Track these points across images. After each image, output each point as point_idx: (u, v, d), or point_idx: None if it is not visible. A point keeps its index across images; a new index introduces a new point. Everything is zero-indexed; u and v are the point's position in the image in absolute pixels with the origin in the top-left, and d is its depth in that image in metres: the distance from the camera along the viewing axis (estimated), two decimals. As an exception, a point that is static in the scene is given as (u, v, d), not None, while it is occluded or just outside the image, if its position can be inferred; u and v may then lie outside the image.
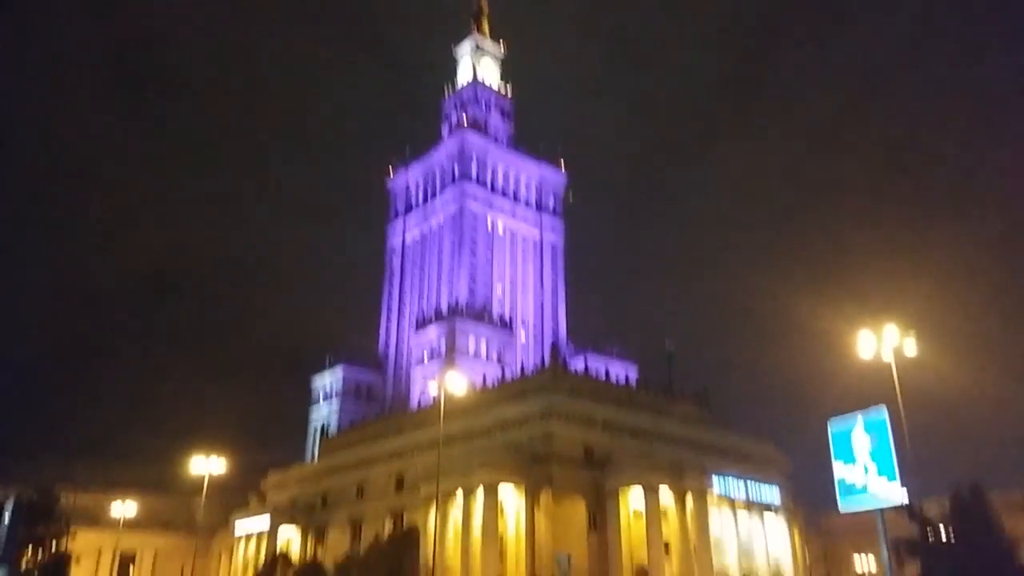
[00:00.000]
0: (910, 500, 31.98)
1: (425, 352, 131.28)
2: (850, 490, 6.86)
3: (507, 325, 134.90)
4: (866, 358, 33.00)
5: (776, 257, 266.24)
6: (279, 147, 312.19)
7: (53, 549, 54.07)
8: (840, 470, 7.27)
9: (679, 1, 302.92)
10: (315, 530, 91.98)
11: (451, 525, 72.53)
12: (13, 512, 17.15)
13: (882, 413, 6.93)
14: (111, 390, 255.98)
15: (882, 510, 6.77)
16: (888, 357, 32.41)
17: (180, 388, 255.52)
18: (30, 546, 51.99)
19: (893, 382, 33.13)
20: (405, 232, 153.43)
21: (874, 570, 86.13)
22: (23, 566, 45.32)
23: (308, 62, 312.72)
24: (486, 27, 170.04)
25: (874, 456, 6.81)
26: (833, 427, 7.34)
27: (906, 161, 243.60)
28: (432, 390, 70.27)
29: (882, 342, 33.25)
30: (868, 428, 6.90)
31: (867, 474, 6.86)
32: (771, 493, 77.60)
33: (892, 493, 6.58)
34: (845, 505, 7.09)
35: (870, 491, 6.80)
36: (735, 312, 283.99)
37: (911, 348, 33.56)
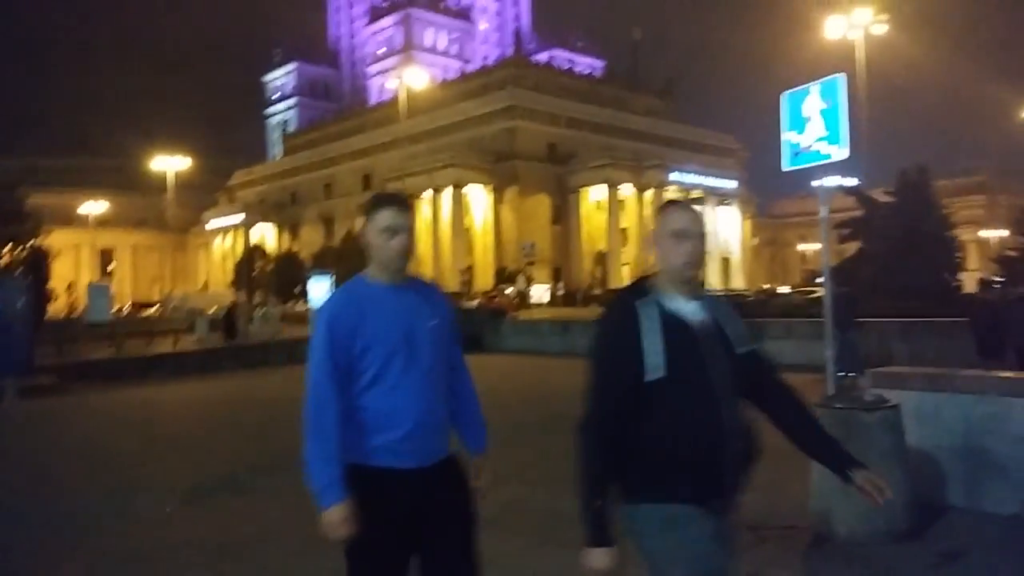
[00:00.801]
0: (859, 184, 33.45)
1: (380, 47, 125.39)
2: (795, 149, 7.08)
3: (466, 15, 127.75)
4: (833, 37, 32.45)
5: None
6: None
7: (29, 247, 55.17)
8: (789, 137, 7.45)
9: None
10: (288, 226, 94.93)
11: (419, 220, 75.18)
12: (-20, 209, 17.31)
13: (838, 79, 6.87)
14: (65, 88, 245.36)
15: (824, 166, 7.08)
16: (855, 35, 31.86)
17: (133, 85, 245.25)
18: (8, 245, 52.83)
19: (856, 61, 32.94)
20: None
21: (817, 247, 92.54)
22: (3, 263, 46.52)
23: None
24: None
25: (825, 121, 6.85)
26: (787, 97, 7.35)
27: None
28: (391, 86, 68.30)
29: (851, 24, 32.45)
30: (823, 94, 6.89)
31: (814, 137, 7.03)
32: (727, 183, 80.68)
33: (837, 153, 6.81)
34: (790, 165, 7.42)
35: (814, 150, 7.06)
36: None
37: (880, 28, 32.89)
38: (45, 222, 60.50)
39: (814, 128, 7.05)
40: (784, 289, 68.67)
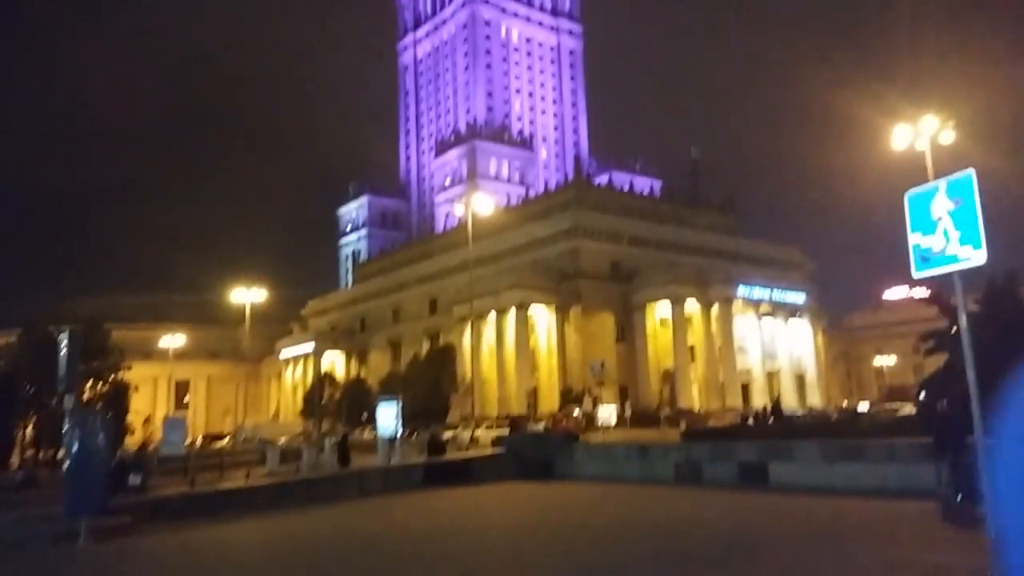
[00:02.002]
0: (938, 292, 32.03)
1: (447, 177, 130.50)
2: (926, 255, 6.65)
3: (527, 144, 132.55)
4: (899, 148, 31.95)
5: (811, 48, 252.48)
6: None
7: (111, 381, 57.17)
8: (917, 240, 7.06)
9: None
10: (357, 353, 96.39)
11: (484, 343, 75.31)
12: (69, 346, 17.85)
13: (969, 175, 6.48)
14: (150, 227, 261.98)
15: (960, 272, 6.61)
16: (923, 146, 31.30)
17: (214, 225, 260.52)
18: (90, 380, 54.74)
19: (927, 174, 32.22)
20: (416, 46, 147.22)
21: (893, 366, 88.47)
22: (84, 398, 47.96)
23: None
24: None
25: (956, 221, 6.42)
26: (911, 196, 7.06)
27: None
28: (458, 213, 70.39)
29: (918, 133, 31.98)
30: (951, 192, 6.55)
31: (948, 240, 6.59)
32: (796, 297, 78.86)
33: (974, 256, 6.35)
34: (920, 271, 6.97)
35: (947, 254, 6.63)
36: (765, 110, 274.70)
37: (948, 137, 32.29)
38: (126, 356, 63.00)
39: (945, 229, 6.55)
40: (863, 406, 65.43)
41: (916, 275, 6.68)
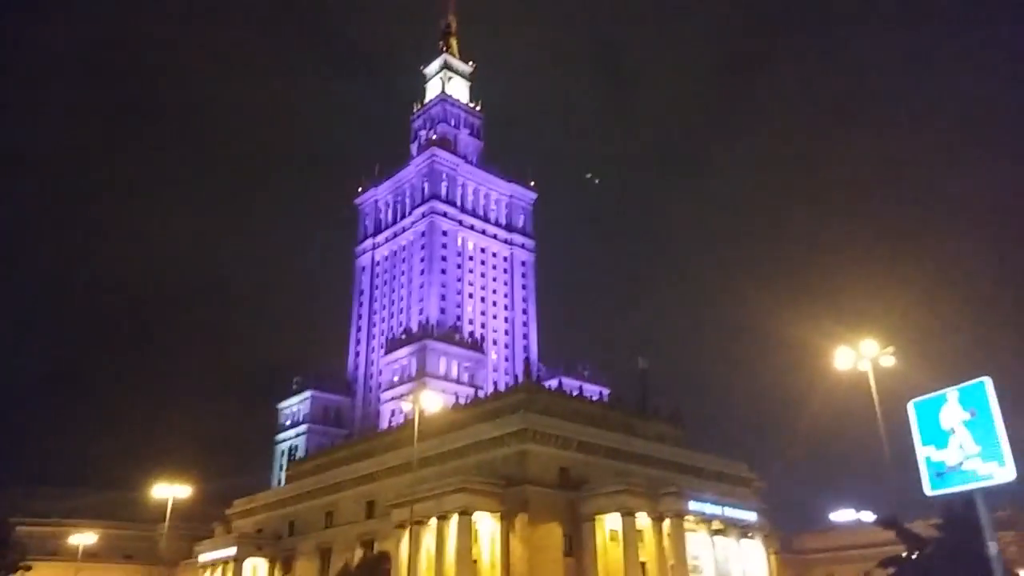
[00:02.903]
0: (895, 518, 31.37)
1: (395, 375, 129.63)
2: (940, 470, 6.19)
3: (478, 346, 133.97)
4: (843, 368, 32.71)
5: (753, 271, 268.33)
6: (251, 170, 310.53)
7: (4, 583, 51.61)
8: (928, 454, 6.62)
9: (659, 17, 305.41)
10: (282, 560, 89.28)
11: (423, 552, 70.69)
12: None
13: (984, 382, 6.23)
14: (72, 417, 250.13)
15: (983, 489, 6.11)
16: (865, 367, 32.07)
17: (145, 413, 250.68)
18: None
19: (872, 396, 32.85)
20: (375, 251, 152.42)
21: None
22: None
23: (281, 86, 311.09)
24: (455, 46, 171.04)
25: (974, 434, 6.06)
26: (918, 407, 6.77)
27: (890, 175, 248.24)
28: (404, 410, 68.77)
29: (860, 356, 32.96)
30: (964, 402, 6.26)
31: (963, 453, 6.19)
32: (747, 514, 76.85)
33: (1000, 473, 5.92)
34: (936, 487, 6.41)
35: (965, 469, 6.21)
36: (709, 326, 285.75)
37: (888, 361, 33.29)
38: (30, 553, 57.32)
39: (960, 442, 6.09)
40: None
41: (930, 493, 6.15)
